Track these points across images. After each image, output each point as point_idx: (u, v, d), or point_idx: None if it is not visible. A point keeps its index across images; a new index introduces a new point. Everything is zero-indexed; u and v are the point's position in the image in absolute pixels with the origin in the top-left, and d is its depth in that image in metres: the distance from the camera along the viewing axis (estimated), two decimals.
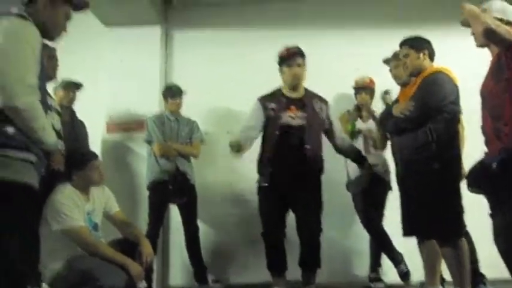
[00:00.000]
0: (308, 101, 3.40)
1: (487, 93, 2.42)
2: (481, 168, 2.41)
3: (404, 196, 3.04)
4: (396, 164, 3.12)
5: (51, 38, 2.12)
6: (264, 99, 3.42)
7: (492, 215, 2.42)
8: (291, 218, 3.37)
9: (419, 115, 2.86)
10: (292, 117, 3.32)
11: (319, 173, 3.41)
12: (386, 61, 3.58)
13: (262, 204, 3.37)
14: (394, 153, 3.13)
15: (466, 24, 2.53)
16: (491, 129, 2.35)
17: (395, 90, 3.47)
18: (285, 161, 3.25)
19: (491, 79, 2.40)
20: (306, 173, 3.28)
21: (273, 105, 3.37)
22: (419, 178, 2.86)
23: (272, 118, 3.34)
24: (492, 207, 2.42)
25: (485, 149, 2.43)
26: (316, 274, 3.31)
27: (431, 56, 3.07)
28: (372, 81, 4.03)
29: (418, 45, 3.04)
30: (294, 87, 3.40)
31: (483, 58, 2.51)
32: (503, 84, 2.30)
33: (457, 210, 2.85)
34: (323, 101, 3.48)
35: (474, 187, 2.47)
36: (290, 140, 3.28)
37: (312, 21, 4.55)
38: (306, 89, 3.46)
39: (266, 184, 3.30)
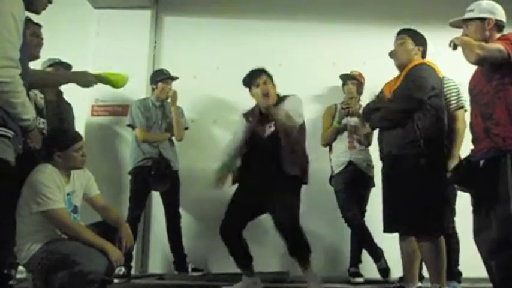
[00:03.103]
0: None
1: (478, 91, 2.43)
2: (467, 165, 2.43)
3: (388, 192, 3.04)
4: (382, 159, 3.12)
5: (36, 11, 2.05)
6: (245, 114, 3.44)
7: (474, 212, 2.45)
8: None
9: (404, 107, 2.87)
10: (263, 130, 3.30)
11: (296, 180, 3.25)
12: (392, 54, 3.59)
13: (231, 200, 3.33)
14: (381, 149, 3.12)
15: (455, 25, 2.56)
16: (481, 128, 2.36)
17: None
18: (257, 169, 3.22)
19: (482, 78, 2.41)
20: (279, 181, 3.16)
21: (251, 118, 3.39)
22: (406, 174, 2.86)
23: (251, 129, 3.36)
24: (475, 205, 2.45)
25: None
26: (310, 258, 3.19)
27: (424, 55, 3.06)
28: (360, 75, 4.03)
29: (418, 38, 3.03)
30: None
31: None
32: (495, 83, 2.32)
33: (440, 207, 2.86)
34: (285, 99, 3.32)
35: (459, 184, 2.49)
36: (262, 150, 3.25)
37: (300, 13, 4.52)
38: (278, 97, 3.35)
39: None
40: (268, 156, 3.20)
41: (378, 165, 3.86)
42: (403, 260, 3.11)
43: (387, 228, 3.04)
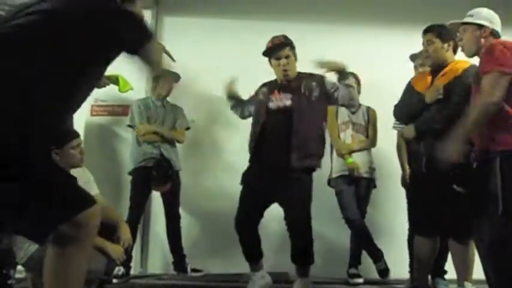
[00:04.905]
0: (295, 84, 3.22)
1: (472, 95, 2.48)
2: (465, 167, 2.45)
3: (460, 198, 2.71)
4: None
5: None
6: (263, 85, 3.38)
7: (471, 214, 2.46)
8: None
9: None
10: (274, 100, 3.21)
11: (308, 163, 3.15)
12: (413, 57, 3.60)
13: (243, 189, 3.21)
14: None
15: (452, 28, 2.59)
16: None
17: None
18: (270, 143, 3.12)
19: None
20: (292, 160, 3.05)
21: (264, 89, 3.33)
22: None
23: (260, 101, 3.29)
24: (471, 207, 2.46)
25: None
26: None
27: (455, 49, 2.91)
28: (356, 76, 4.01)
29: (445, 35, 2.87)
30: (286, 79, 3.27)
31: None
32: (477, 86, 2.36)
33: None
34: (315, 79, 3.23)
35: (458, 185, 2.51)
36: (275, 123, 3.14)
37: (300, 14, 4.52)
38: (299, 73, 3.29)
39: (250, 164, 3.17)
40: (280, 135, 3.09)
41: (379, 167, 3.89)
42: (424, 259, 2.96)
43: (464, 236, 2.80)
